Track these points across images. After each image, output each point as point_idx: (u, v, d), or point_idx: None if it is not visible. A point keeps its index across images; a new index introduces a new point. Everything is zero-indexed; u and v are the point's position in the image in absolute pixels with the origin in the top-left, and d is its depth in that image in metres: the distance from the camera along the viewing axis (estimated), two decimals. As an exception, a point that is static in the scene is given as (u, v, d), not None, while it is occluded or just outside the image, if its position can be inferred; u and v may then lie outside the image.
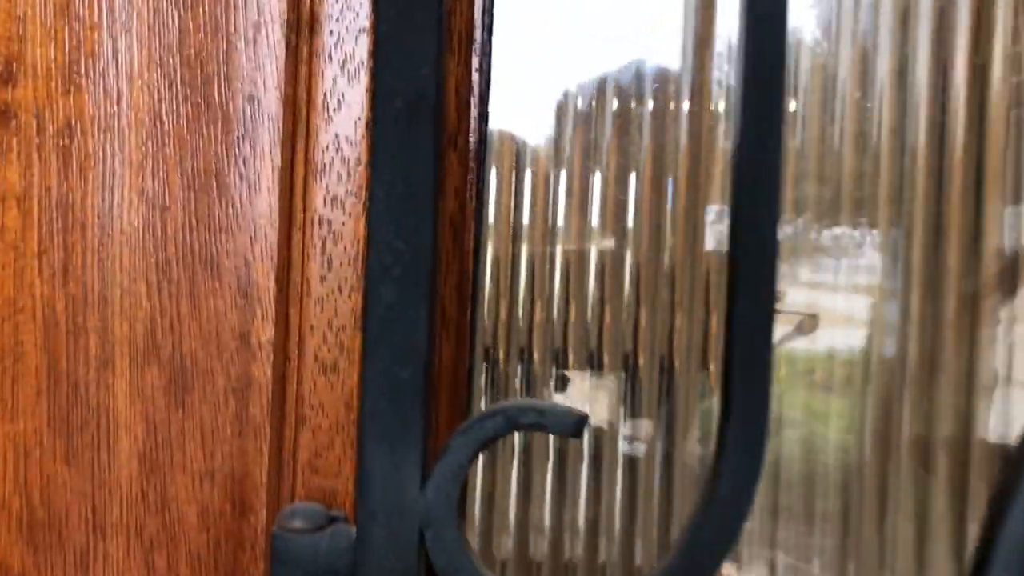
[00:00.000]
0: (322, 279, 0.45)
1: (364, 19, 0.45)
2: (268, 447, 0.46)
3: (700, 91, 0.54)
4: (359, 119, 0.45)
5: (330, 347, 0.45)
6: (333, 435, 0.45)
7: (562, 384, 0.55)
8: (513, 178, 0.51)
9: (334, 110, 0.45)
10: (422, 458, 0.41)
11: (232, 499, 0.46)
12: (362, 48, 0.45)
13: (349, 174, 0.45)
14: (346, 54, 0.45)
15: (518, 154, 0.51)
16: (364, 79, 0.45)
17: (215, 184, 0.46)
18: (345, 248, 0.45)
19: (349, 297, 0.45)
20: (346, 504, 0.45)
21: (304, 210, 0.45)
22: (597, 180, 0.54)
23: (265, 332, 0.46)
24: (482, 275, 0.51)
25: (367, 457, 0.41)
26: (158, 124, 0.46)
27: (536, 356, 0.53)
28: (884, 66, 0.58)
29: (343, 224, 0.45)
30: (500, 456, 0.57)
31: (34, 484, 0.46)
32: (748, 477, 0.40)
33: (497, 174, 0.53)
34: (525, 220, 0.53)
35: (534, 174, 0.52)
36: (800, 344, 0.59)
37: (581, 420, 0.42)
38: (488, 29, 0.48)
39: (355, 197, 0.45)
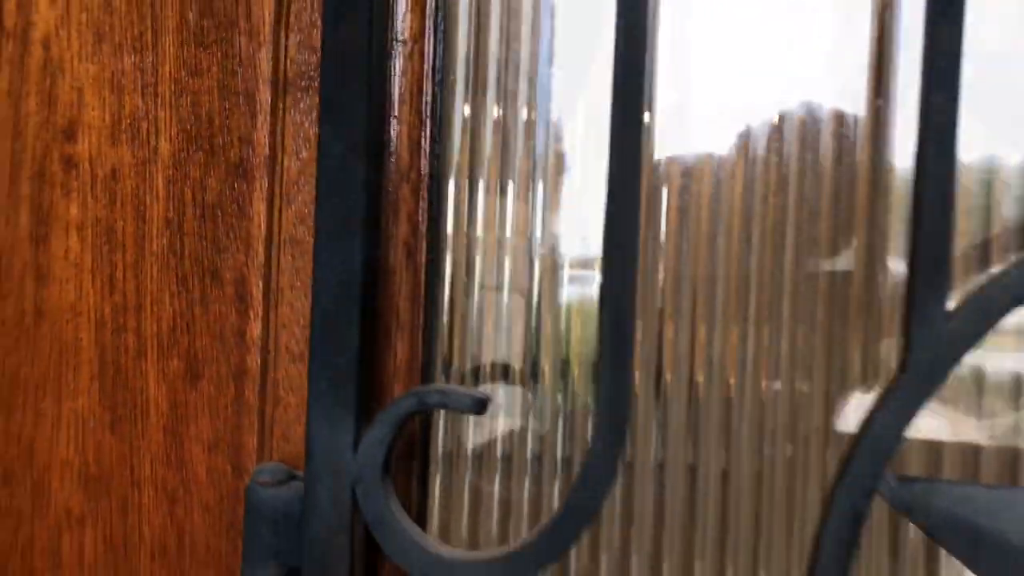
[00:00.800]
0: (291, 287, 0.57)
1: (326, 80, 0.56)
2: (257, 422, 0.57)
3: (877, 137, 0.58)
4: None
5: (298, 341, 0.56)
6: (300, 412, 0.56)
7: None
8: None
9: (302, 153, 0.56)
10: (355, 429, 0.51)
11: (232, 463, 0.58)
12: (325, 104, 0.56)
13: (314, 202, 0.56)
14: (310, 108, 0.56)
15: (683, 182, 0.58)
16: (325, 128, 0.56)
17: (220, 213, 0.58)
18: (308, 262, 0.56)
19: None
20: (310, 467, 0.56)
21: (280, 232, 0.57)
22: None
23: (256, 330, 0.58)
24: (441, 286, 0.61)
25: (312, 428, 0.52)
26: (179, 168, 0.59)
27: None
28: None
29: (308, 243, 0.56)
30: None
31: (89, 447, 0.60)
32: (612, 449, 0.48)
33: (667, 199, 0.59)
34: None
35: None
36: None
37: (481, 400, 0.51)
38: (439, 84, 0.58)
39: (318, 223, 0.56)
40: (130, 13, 0.59)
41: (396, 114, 0.57)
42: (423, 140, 0.58)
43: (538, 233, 0.60)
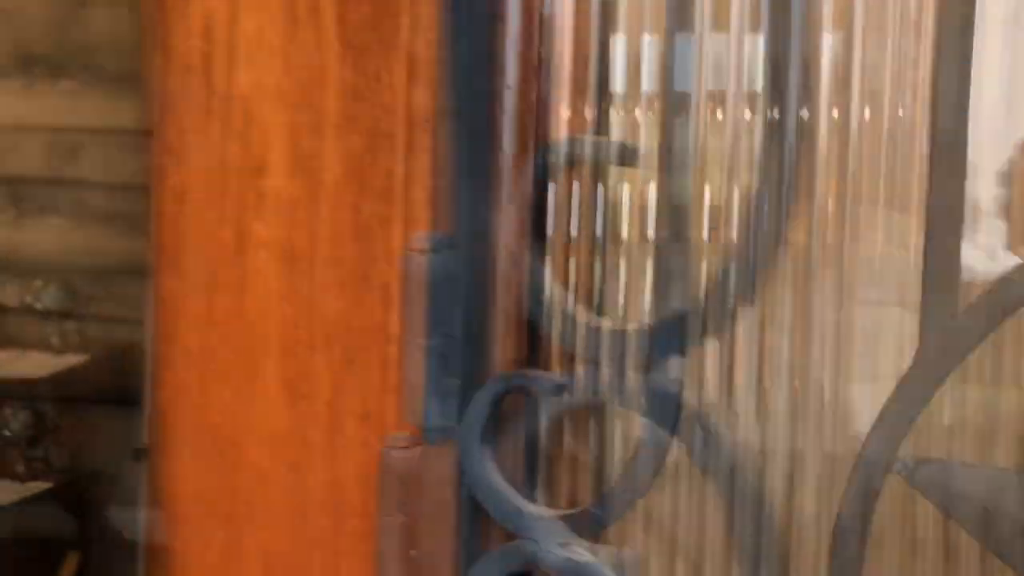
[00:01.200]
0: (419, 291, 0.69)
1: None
2: (396, 400, 0.70)
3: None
4: (443, 187, 0.69)
5: (422, 335, 0.69)
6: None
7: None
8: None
9: (426, 182, 0.69)
10: (459, 407, 0.63)
11: (377, 433, 0.71)
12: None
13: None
14: (432, 145, 0.69)
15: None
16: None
17: (369, 231, 0.72)
18: (431, 271, 0.69)
19: (434, 303, 0.68)
20: (432, 437, 0.68)
21: (411, 247, 0.70)
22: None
23: (395, 323, 0.71)
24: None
25: (427, 401, 0.64)
26: (339, 196, 0.73)
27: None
28: None
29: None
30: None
31: (272, 419, 0.75)
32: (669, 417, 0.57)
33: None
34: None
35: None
36: None
37: (560, 385, 0.61)
38: (540, 123, 0.69)
39: (440, 238, 0.69)
40: (303, 75, 0.74)
41: (503, 146, 0.68)
42: (527, 166, 0.69)
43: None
